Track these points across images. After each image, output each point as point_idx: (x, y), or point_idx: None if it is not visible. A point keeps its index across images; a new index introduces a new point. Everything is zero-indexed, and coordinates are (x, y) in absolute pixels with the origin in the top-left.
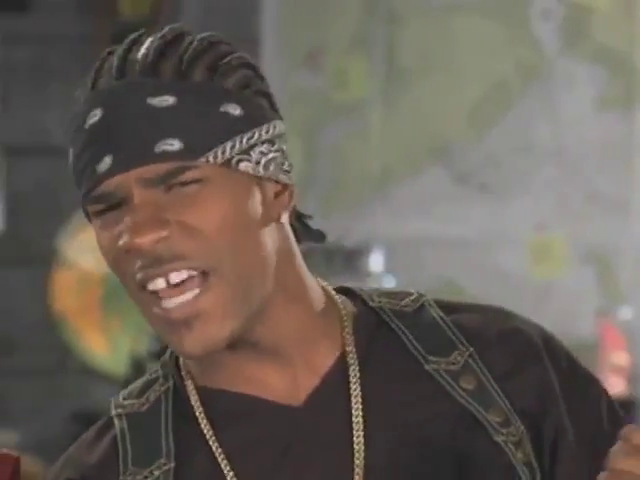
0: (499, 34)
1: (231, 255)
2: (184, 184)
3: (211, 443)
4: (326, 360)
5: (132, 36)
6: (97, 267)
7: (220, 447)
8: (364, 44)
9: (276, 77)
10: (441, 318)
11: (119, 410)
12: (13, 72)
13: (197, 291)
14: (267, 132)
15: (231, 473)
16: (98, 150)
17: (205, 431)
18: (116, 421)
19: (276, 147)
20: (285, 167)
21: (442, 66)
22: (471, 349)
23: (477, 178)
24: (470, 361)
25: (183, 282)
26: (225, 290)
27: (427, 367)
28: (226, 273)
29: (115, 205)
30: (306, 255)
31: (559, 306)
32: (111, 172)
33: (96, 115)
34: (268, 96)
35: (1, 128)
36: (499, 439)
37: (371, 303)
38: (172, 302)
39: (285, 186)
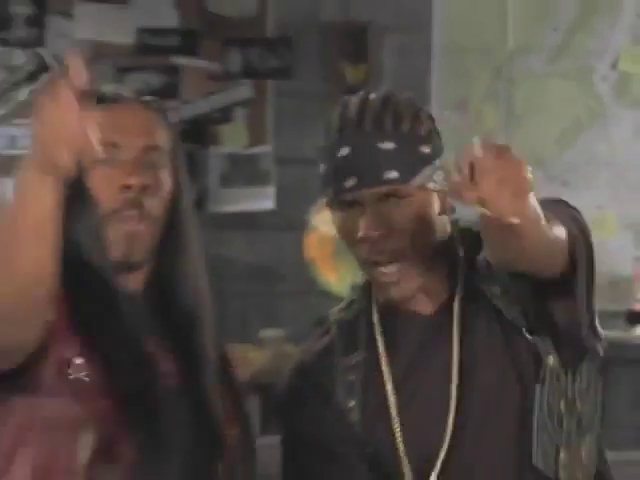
0: (576, 89)
1: (419, 241)
2: (399, 198)
3: (379, 347)
4: (448, 286)
5: (360, 95)
6: (329, 232)
7: (385, 350)
8: (493, 96)
9: (438, 117)
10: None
11: (334, 318)
12: (283, 110)
13: (398, 266)
14: (439, 163)
15: (388, 368)
16: (346, 173)
17: (378, 338)
18: (333, 325)
19: (443, 174)
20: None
21: (540, 111)
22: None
23: (560, 178)
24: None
25: (390, 261)
26: (413, 269)
27: (481, 278)
28: (414, 258)
29: (351, 206)
30: None
31: None
32: (356, 188)
33: (345, 151)
34: (438, 134)
35: (276, 145)
36: (498, 304)
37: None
38: (384, 270)
39: (446, 203)
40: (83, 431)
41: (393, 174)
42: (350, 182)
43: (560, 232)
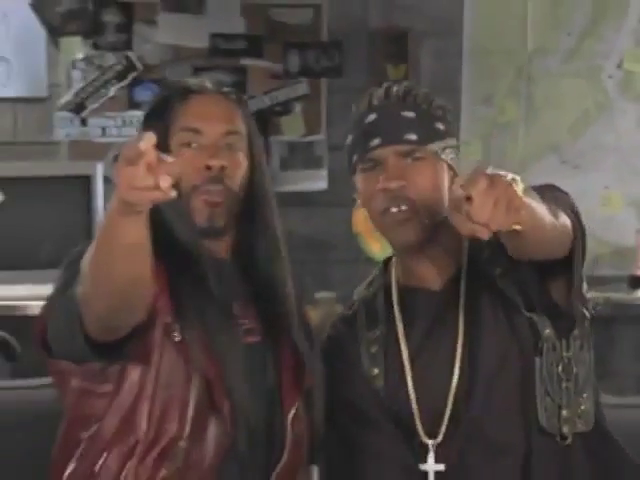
0: (586, 85)
1: (430, 200)
2: (415, 159)
3: (397, 322)
4: (454, 262)
5: (386, 84)
6: None
7: (402, 324)
8: (515, 92)
9: (468, 110)
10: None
11: (357, 296)
12: (334, 104)
13: (408, 213)
14: (452, 142)
15: (403, 338)
16: (372, 134)
17: (396, 313)
18: (356, 302)
19: (455, 152)
20: (457, 163)
21: (555, 105)
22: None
23: (573, 161)
24: (491, 242)
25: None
26: (421, 222)
27: (483, 256)
28: (424, 209)
29: (372, 167)
30: None
31: None
32: (380, 145)
33: (372, 117)
34: (450, 122)
35: (328, 134)
36: (500, 284)
37: None
38: (395, 210)
39: (456, 174)
40: (190, 385)
41: (412, 136)
42: (375, 142)
43: (564, 220)
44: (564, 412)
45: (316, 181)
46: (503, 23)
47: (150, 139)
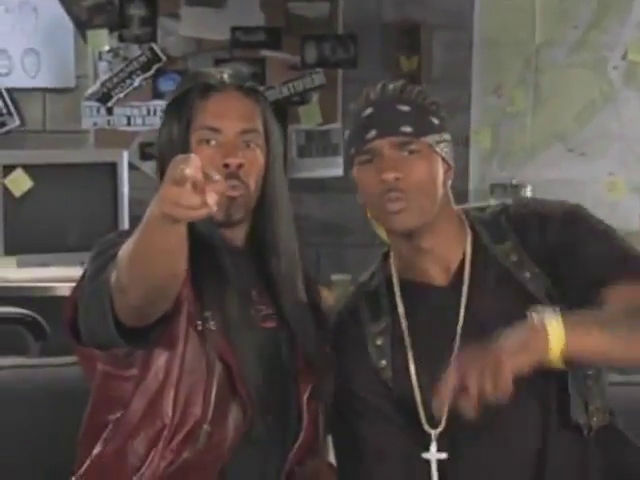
0: (592, 76)
1: (425, 193)
2: (411, 152)
3: (402, 318)
4: (456, 257)
5: (382, 82)
6: None
7: (405, 317)
8: (523, 83)
9: (478, 100)
10: (506, 219)
11: (358, 288)
12: (349, 94)
13: (405, 202)
14: (447, 137)
15: (407, 330)
16: (369, 127)
17: (399, 306)
18: (357, 294)
19: (449, 146)
20: (452, 157)
21: (562, 94)
22: (515, 237)
23: (579, 149)
24: (516, 244)
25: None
26: (417, 207)
27: (492, 252)
28: (420, 198)
29: (369, 160)
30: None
31: None
32: (376, 137)
33: (368, 111)
34: (444, 118)
35: (344, 123)
36: (530, 287)
37: (468, 217)
38: (392, 200)
39: (450, 167)
40: (213, 371)
41: (408, 128)
42: (371, 133)
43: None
44: (590, 407)
45: (332, 168)
46: (512, 16)
47: (196, 163)
